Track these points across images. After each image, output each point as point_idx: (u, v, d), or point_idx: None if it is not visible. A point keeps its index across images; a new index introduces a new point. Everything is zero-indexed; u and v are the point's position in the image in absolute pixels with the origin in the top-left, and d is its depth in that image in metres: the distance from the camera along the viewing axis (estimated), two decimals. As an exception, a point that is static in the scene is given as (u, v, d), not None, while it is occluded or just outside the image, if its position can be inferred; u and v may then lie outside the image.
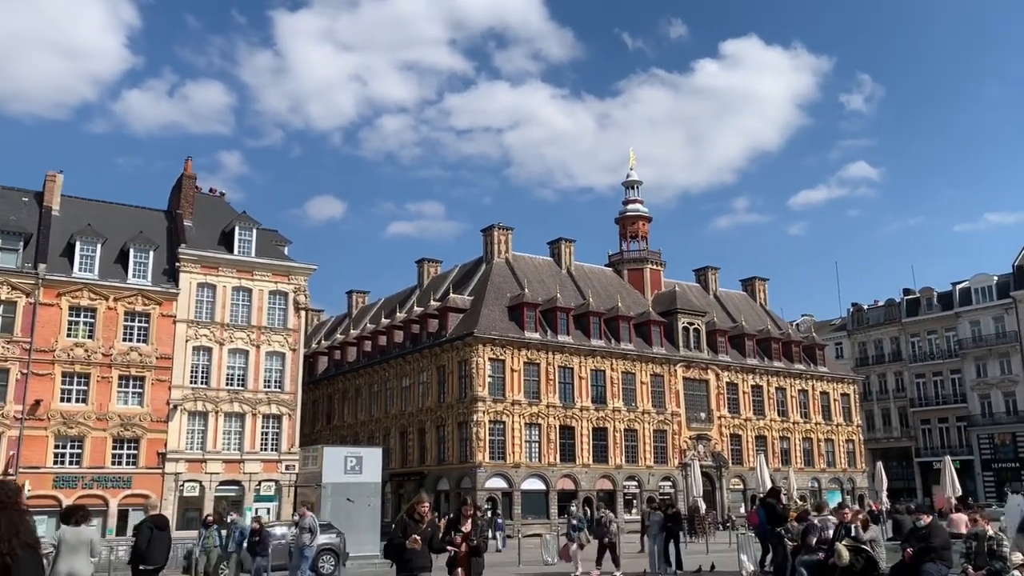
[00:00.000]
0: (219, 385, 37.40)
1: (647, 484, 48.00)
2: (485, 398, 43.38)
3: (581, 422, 46.48)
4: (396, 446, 49.83)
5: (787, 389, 56.19)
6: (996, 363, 63.39)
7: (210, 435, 36.94)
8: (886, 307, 71.84)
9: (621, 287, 54.97)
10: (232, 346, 37.91)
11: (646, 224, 58.87)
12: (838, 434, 58.25)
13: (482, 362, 43.75)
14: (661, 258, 57.78)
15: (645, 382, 49.42)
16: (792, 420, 55.73)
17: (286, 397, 38.71)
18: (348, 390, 55.97)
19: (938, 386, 66.89)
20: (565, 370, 46.80)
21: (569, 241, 54.60)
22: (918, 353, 68.24)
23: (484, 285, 48.81)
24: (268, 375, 38.61)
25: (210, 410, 37.03)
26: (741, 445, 52.92)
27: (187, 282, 37.53)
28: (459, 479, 43.86)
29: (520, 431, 44.32)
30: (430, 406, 47.04)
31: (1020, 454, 61.17)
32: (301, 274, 39.97)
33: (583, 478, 45.73)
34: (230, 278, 38.43)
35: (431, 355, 47.54)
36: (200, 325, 37.46)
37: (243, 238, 39.31)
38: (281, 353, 38.91)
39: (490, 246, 51.68)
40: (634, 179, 60.06)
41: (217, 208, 42.47)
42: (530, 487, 44.06)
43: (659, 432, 49.51)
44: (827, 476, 56.64)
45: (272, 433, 38.39)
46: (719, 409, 52.27)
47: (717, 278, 61.44)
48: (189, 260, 37.67)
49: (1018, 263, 63.61)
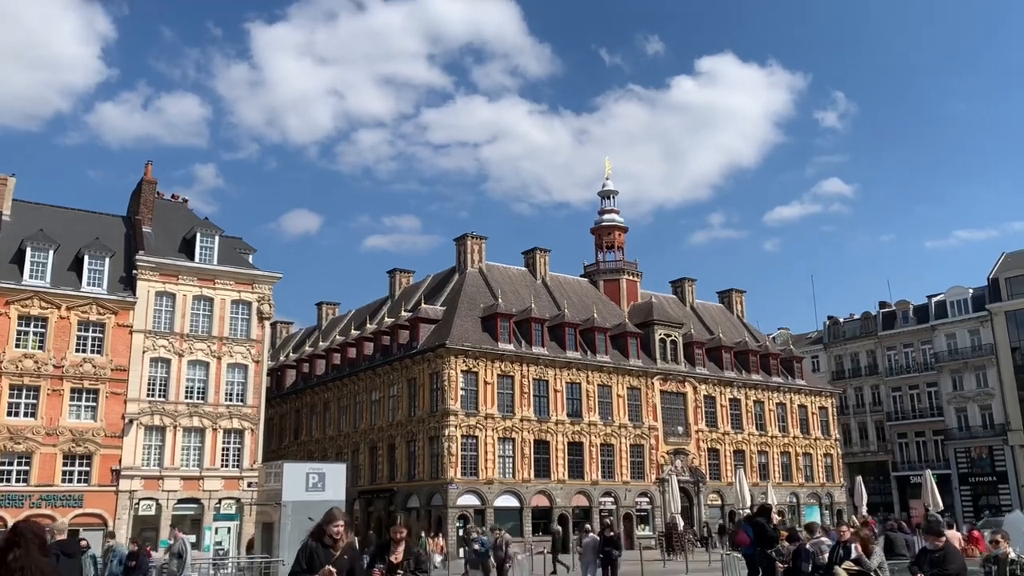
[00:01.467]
0: (178, 398, 35.74)
1: (624, 500, 46.79)
2: (457, 412, 42.01)
3: (556, 436, 45.22)
4: (365, 462, 48.24)
5: (765, 402, 55.35)
6: (972, 376, 63.08)
7: (168, 451, 35.24)
8: (862, 320, 71.47)
9: (597, 298, 53.92)
10: (192, 357, 36.28)
11: (622, 234, 57.95)
12: (816, 448, 57.48)
13: (454, 374, 42.39)
14: (637, 269, 56.86)
15: (622, 395, 48.30)
16: (770, 434, 54.87)
17: (248, 411, 37.10)
18: (316, 404, 54.29)
19: (914, 399, 66.48)
20: (540, 383, 45.56)
21: (544, 251, 53.51)
22: (894, 366, 67.84)
23: (457, 295, 47.53)
24: (230, 388, 36.99)
25: (168, 425, 35.33)
26: (719, 460, 51.91)
27: (145, 290, 35.89)
28: (430, 496, 42.37)
29: (493, 446, 42.96)
30: (400, 420, 45.56)
31: (997, 468, 60.77)
32: (265, 283, 38.46)
33: (558, 494, 44.42)
34: (190, 286, 36.83)
35: (402, 367, 46.10)
36: (158, 335, 35.81)
37: (205, 245, 37.75)
38: (244, 365, 37.32)
39: (463, 255, 50.43)
40: (610, 189, 59.19)
41: (179, 214, 40.90)
42: (503, 504, 42.65)
43: (636, 447, 48.36)
44: (805, 491, 55.77)
45: (234, 449, 36.75)
46: (697, 423, 51.26)
47: (694, 289, 60.63)
48: (147, 268, 36.05)
49: (993, 276, 63.51)
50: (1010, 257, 65.07)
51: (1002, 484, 60.26)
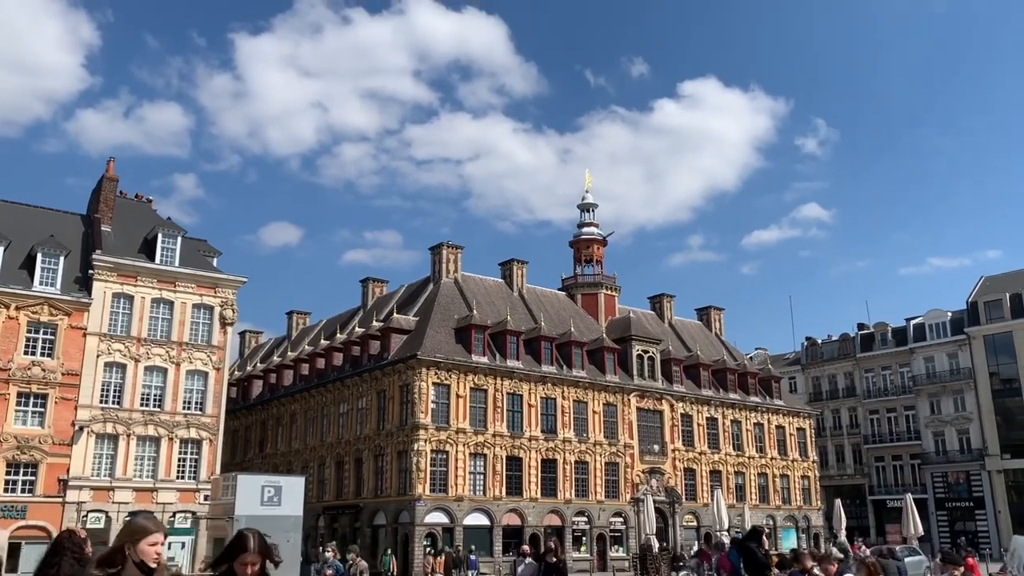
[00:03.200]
0: (132, 405, 34.01)
1: (597, 520, 45.41)
2: (427, 425, 40.51)
3: (529, 453, 43.81)
4: (331, 477, 46.52)
5: (743, 422, 54.30)
6: (950, 400, 62.54)
7: (120, 460, 33.45)
8: (840, 342, 70.87)
9: (574, 312, 52.73)
10: (149, 363, 34.59)
11: (601, 248, 56.89)
12: (793, 470, 56.47)
13: (425, 387, 40.93)
14: (616, 283, 55.80)
15: (597, 411, 47.03)
16: (747, 454, 53.77)
17: (207, 420, 35.39)
18: (283, 416, 52.51)
19: (892, 423, 65.83)
20: (514, 397, 44.19)
21: (521, 263, 52.28)
22: (872, 389, 67.22)
23: (431, 306, 46.14)
24: (188, 396, 35.29)
25: (121, 433, 33.56)
26: (695, 480, 50.70)
27: (101, 292, 34.20)
28: (397, 513, 40.74)
29: (464, 462, 41.47)
30: (368, 434, 43.95)
31: (975, 493, 60.09)
32: (229, 287, 36.88)
33: (530, 513, 42.96)
34: (150, 288, 35.19)
35: (371, 379, 44.55)
36: (114, 339, 34.10)
37: (166, 246, 36.15)
38: (204, 372, 35.64)
39: (438, 265, 49.10)
40: (589, 202, 58.18)
41: (141, 214, 39.28)
42: (473, 522, 41.10)
43: (611, 465, 47.04)
44: (782, 514, 54.67)
45: (191, 460, 35.01)
46: (673, 442, 50.07)
47: (672, 306, 59.63)
48: (104, 268, 34.37)
49: (972, 299, 63.15)
50: (989, 281, 64.81)
51: (979, 510, 59.59)
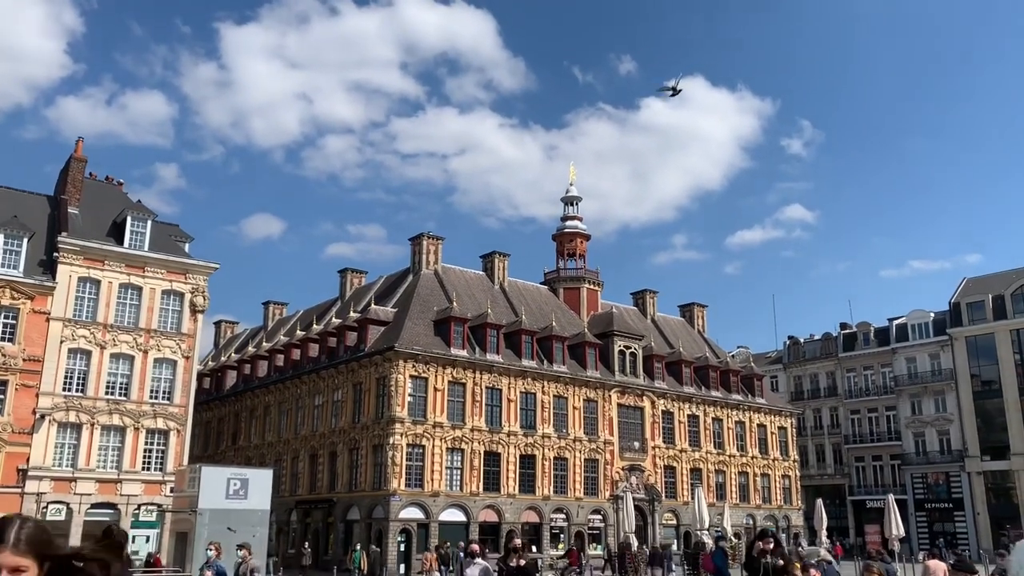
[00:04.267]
0: (97, 394, 32.84)
1: (576, 517, 44.68)
2: (404, 419, 39.58)
3: (508, 448, 42.99)
4: (305, 470, 45.50)
5: (724, 420, 53.74)
6: (931, 401, 62.33)
7: (83, 450, 32.29)
8: (823, 341, 70.55)
9: (556, 306, 51.94)
10: (115, 350, 33.42)
11: (584, 242, 56.12)
12: (774, 469, 55.99)
13: (402, 379, 39.98)
14: (599, 278, 55.03)
15: (578, 407, 46.26)
16: (728, 453, 53.21)
17: (175, 411, 34.27)
18: (256, 407, 51.37)
19: (873, 423, 65.57)
20: (493, 391, 43.34)
21: (503, 255, 51.39)
22: (854, 389, 66.93)
23: (409, 297, 45.17)
24: (156, 385, 34.16)
25: (85, 422, 32.40)
26: (675, 477, 50.07)
27: (66, 275, 32.99)
28: (371, 508, 39.79)
29: (441, 456, 40.58)
30: (343, 427, 42.96)
31: (954, 494, 59.92)
32: (200, 273, 35.74)
33: (507, 509, 42.15)
34: (118, 273, 34.00)
35: (347, 371, 43.55)
36: (79, 324, 32.91)
37: (136, 230, 34.96)
38: (172, 360, 34.51)
39: (418, 256, 48.12)
40: (573, 195, 57.38)
41: (111, 197, 38.03)
42: (449, 518, 40.23)
43: (591, 461, 46.31)
44: (762, 513, 54.16)
45: (157, 451, 33.90)
46: (654, 439, 49.41)
47: (655, 302, 58.97)
48: (70, 250, 33.16)
49: (955, 300, 62.94)
50: (971, 282, 64.64)
51: (958, 511, 59.41)
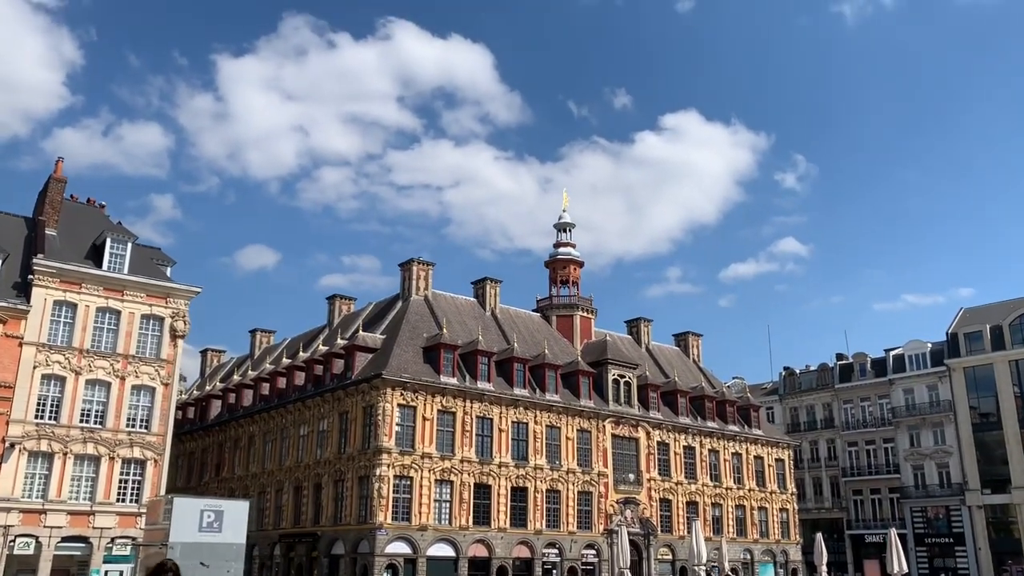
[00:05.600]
0: (71, 422, 31.54)
1: (569, 552, 43.21)
2: (391, 449, 38.26)
3: (499, 480, 41.64)
4: (289, 503, 44.00)
5: (720, 452, 52.49)
6: (930, 433, 61.29)
7: (54, 481, 30.90)
8: (819, 372, 69.61)
9: (549, 334, 50.88)
10: (91, 376, 32.18)
11: (578, 269, 55.20)
12: (772, 502, 54.63)
13: (390, 408, 38.73)
14: (592, 305, 54.04)
15: (571, 438, 45.00)
16: (725, 485, 51.89)
17: (153, 439, 32.93)
18: (241, 438, 49.92)
19: (871, 455, 64.42)
20: (484, 421, 42.08)
21: (495, 282, 50.44)
22: (851, 420, 65.87)
23: (399, 323, 44.07)
24: (133, 412, 32.86)
25: (57, 451, 31.04)
26: (671, 511, 48.68)
27: (41, 298, 31.84)
28: (356, 542, 38.30)
29: (429, 488, 39.20)
30: (329, 458, 41.57)
31: (954, 529, 58.63)
32: (181, 297, 34.60)
33: (498, 544, 40.70)
34: (95, 296, 32.86)
35: (334, 399, 42.28)
36: (53, 350, 31.70)
37: (115, 252, 33.89)
38: (150, 387, 33.25)
39: (408, 282, 47.10)
40: (566, 221, 56.55)
41: (92, 220, 37.01)
42: (437, 553, 38.74)
43: (584, 494, 44.94)
44: (760, 547, 52.73)
45: (133, 481, 32.49)
46: (649, 471, 48.11)
47: (650, 331, 57.98)
48: (46, 273, 32.04)
49: (952, 331, 62.16)
50: (969, 312, 63.95)
51: (959, 546, 58.10)
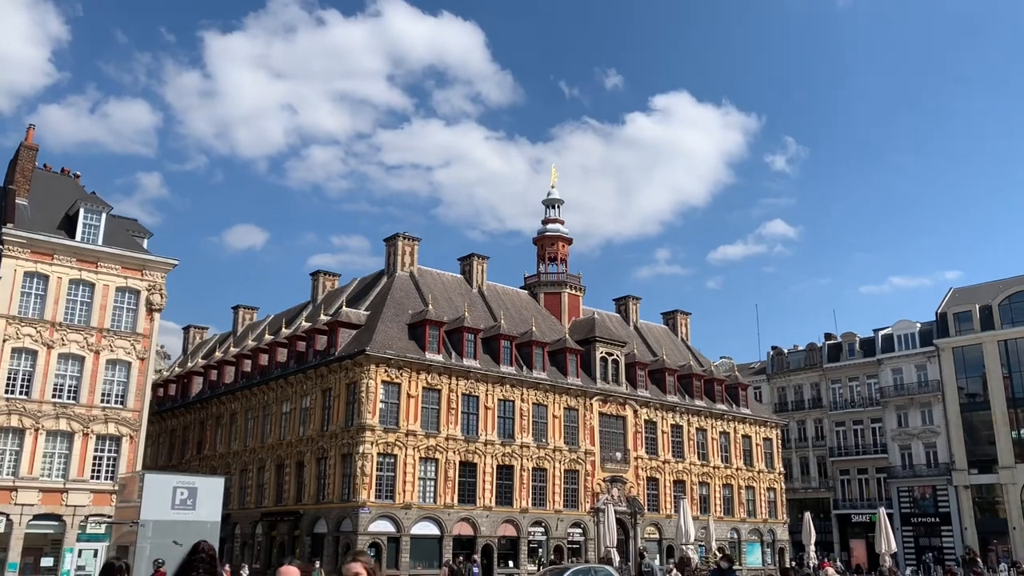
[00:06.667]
0: (43, 397, 30.63)
1: (555, 531, 42.75)
2: (375, 427, 37.54)
3: (485, 458, 41.03)
4: (271, 480, 43.29)
5: (708, 430, 52.07)
6: (918, 413, 61.10)
7: (25, 457, 30.05)
8: (807, 351, 69.23)
9: (536, 311, 50.15)
10: (64, 350, 31.24)
11: (566, 246, 54.40)
12: (759, 481, 54.34)
13: (374, 384, 37.96)
14: (581, 283, 53.32)
15: (558, 416, 44.42)
16: (712, 464, 51.51)
17: (128, 415, 32.07)
18: (223, 415, 49.08)
19: (858, 435, 64.22)
20: (470, 398, 41.40)
21: (482, 258, 49.59)
22: (839, 400, 65.60)
23: (383, 299, 43.21)
24: (108, 388, 31.97)
25: (28, 427, 30.16)
26: (658, 490, 48.27)
27: (11, 270, 30.82)
28: (339, 521, 37.66)
29: (414, 466, 38.55)
30: (311, 435, 40.82)
31: (940, 508, 58.60)
32: (158, 269, 33.61)
33: (483, 523, 40.15)
34: (68, 268, 31.84)
35: (316, 376, 41.48)
36: (24, 322, 30.72)
37: (89, 223, 32.83)
38: (126, 362, 32.34)
39: (393, 257, 46.20)
40: (555, 198, 55.67)
41: (66, 190, 35.86)
42: (421, 531, 38.16)
43: (571, 472, 44.43)
44: (747, 527, 52.46)
45: (108, 458, 31.67)
46: (636, 449, 47.63)
47: (638, 308, 57.32)
48: (15, 243, 30.99)
49: (941, 311, 61.84)
50: (958, 292, 63.64)
51: (945, 526, 58.10)
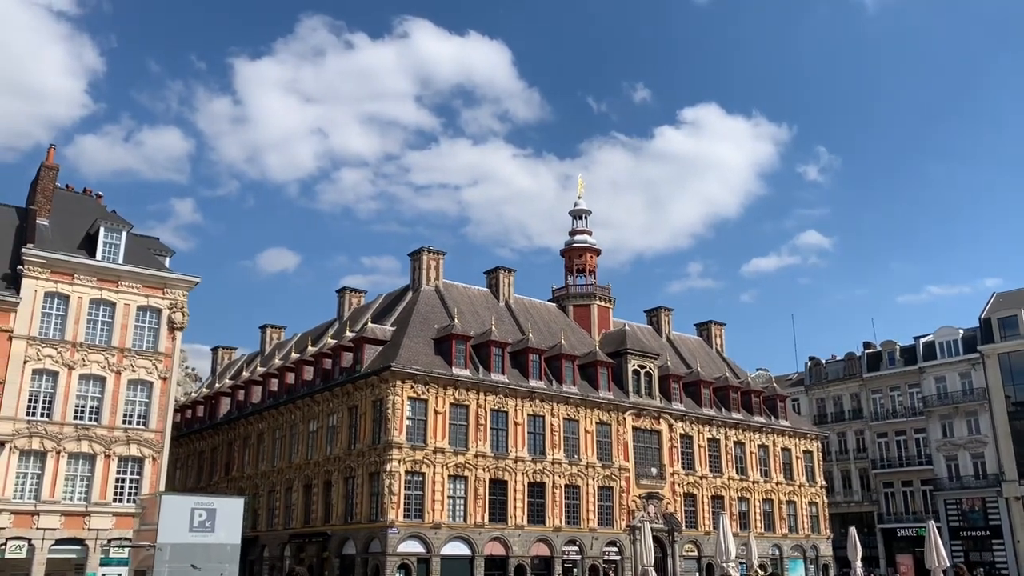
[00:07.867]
0: (64, 419, 30.12)
1: (590, 549, 41.42)
2: (402, 444, 36.63)
3: (515, 475, 39.90)
4: (299, 501, 42.50)
5: (746, 444, 50.47)
6: (963, 422, 58.97)
7: (47, 481, 29.50)
8: (846, 361, 67.39)
9: (565, 324, 49.07)
10: (85, 371, 30.73)
11: (594, 257, 53.33)
12: (800, 495, 52.54)
13: (400, 401, 37.08)
14: (610, 294, 52.16)
15: (590, 431, 43.18)
16: (752, 478, 49.87)
17: (151, 436, 31.45)
18: (250, 435, 48.50)
19: (901, 446, 62.17)
20: (498, 414, 40.34)
21: (509, 271, 48.68)
22: (880, 411, 63.65)
23: (409, 315, 42.43)
24: (129, 408, 31.39)
25: (50, 449, 29.63)
26: (696, 506, 46.75)
27: (32, 290, 30.42)
28: (367, 542, 36.71)
29: (443, 485, 37.53)
30: (338, 454, 40.01)
31: (991, 521, 56.32)
32: (179, 287, 33.08)
33: (515, 542, 38.96)
34: (88, 288, 31.41)
35: (343, 394, 40.71)
36: (45, 343, 30.28)
37: (109, 242, 32.44)
38: (148, 382, 31.77)
39: (418, 272, 45.45)
40: (582, 208, 54.70)
41: (87, 209, 35.57)
42: (452, 552, 37.05)
43: (604, 489, 43.11)
44: (789, 543, 50.65)
45: (131, 480, 31.03)
46: (672, 464, 46.19)
47: (671, 320, 55.99)
48: (36, 263, 30.63)
49: (985, 316, 59.77)
50: (1002, 297, 61.58)
51: (996, 539, 55.84)
